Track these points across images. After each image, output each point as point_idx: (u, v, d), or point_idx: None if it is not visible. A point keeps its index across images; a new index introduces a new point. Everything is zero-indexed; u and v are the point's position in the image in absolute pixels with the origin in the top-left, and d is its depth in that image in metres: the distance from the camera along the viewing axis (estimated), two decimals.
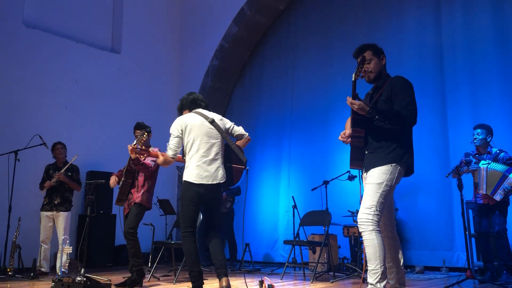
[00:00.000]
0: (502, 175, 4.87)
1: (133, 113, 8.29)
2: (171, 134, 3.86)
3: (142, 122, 5.09)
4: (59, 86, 7.51)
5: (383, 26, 7.25)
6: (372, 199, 3.01)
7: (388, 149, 3.08)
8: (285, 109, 8.36)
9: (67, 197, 6.04)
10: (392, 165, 3.06)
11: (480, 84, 6.22)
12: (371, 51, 3.27)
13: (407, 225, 6.61)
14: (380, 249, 2.95)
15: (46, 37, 7.47)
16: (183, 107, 4.09)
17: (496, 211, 5.02)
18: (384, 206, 3.04)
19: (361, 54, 3.25)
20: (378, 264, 2.94)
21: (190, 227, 3.74)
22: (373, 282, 2.95)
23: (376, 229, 2.98)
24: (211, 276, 5.82)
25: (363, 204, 3.04)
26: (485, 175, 4.95)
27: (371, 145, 3.15)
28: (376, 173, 3.06)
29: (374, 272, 2.95)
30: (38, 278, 5.42)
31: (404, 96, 3.10)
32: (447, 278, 5.48)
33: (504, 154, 5.04)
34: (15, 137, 6.57)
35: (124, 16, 8.65)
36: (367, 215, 2.99)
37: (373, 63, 3.26)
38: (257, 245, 7.96)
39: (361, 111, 3.04)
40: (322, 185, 6.47)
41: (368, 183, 3.09)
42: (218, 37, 8.87)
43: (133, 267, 4.65)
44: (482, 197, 5.09)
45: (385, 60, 3.31)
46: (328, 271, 5.84)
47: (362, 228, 3.01)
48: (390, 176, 3.04)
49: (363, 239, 3.03)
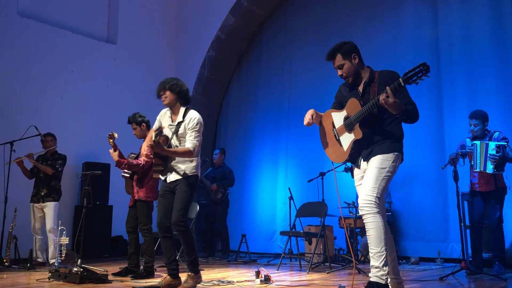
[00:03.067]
0: (486, 144, 4.87)
1: (129, 104, 8.26)
2: (201, 131, 3.80)
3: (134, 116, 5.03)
4: (54, 77, 7.47)
5: (380, 18, 7.24)
6: (376, 182, 2.97)
7: (390, 140, 3.08)
8: (282, 101, 8.35)
9: (53, 186, 5.99)
10: (395, 153, 3.06)
11: (477, 77, 6.23)
12: (340, 55, 3.17)
13: (403, 216, 6.65)
14: (384, 231, 2.92)
15: (42, 28, 7.41)
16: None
17: (492, 199, 5.02)
18: (385, 191, 3.02)
19: (332, 59, 3.19)
20: (383, 246, 2.91)
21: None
22: (380, 264, 2.90)
23: (379, 211, 2.93)
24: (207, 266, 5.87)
25: (366, 186, 2.99)
26: (478, 150, 4.92)
27: (374, 137, 3.09)
28: (380, 158, 3.04)
29: (380, 255, 2.91)
30: (34, 269, 5.43)
31: (405, 94, 3.07)
32: (442, 269, 5.53)
33: (499, 133, 5.04)
34: (11, 128, 6.54)
35: (120, 6, 8.59)
36: (371, 197, 2.94)
37: (345, 68, 3.16)
38: (255, 236, 8.01)
39: (397, 109, 2.89)
40: (318, 177, 6.49)
41: (370, 167, 3.05)
42: (215, 28, 8.83)
43: (144, 264, 4.70)
44: (478, 180, 5.05)
45: (357, 58, 3.16)
46: (324, 262, 5.88)
47: (365, 210, 2.95)
48: (393, 164, 3.04)
49: (365, 222, 2.97)
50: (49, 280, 4.43)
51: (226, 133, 9.20)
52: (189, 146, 3.71)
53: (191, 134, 3.74)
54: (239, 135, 8.92)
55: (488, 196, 5.06)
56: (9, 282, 4.45)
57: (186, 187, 3.71)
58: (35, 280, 4.52)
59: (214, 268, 5.79)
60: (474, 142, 5.00)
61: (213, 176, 7.51)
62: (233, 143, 8.92)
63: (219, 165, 7.65)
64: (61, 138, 6.34)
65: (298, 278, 4.92)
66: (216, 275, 4.94)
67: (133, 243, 4.91)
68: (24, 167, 5.93)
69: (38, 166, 5.96)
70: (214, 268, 5.74)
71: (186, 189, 3.70)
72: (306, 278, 4.85)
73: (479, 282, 4.47)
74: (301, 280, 4.69)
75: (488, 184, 5.01)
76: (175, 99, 3.83)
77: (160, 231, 3.79)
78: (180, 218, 3.64)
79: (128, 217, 4.96)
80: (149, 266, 4.70)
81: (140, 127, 4.98)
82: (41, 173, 5.98)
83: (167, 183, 3.82)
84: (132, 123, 5.01)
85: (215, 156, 7.69)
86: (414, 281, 4.48)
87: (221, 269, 5.71)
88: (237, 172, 7.96)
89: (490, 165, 4.83)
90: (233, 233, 7.81)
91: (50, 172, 5.94)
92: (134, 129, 5.01)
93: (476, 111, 5.16)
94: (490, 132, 5.09)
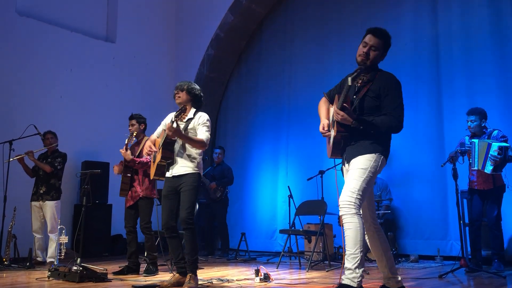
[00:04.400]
0: (488, 144, 4.85)
1: (128, 102, 8.25)
2: (210, 128, 3.96)
3: (138, 114, 5.16)
4: (53, 76, 7.45)
5: (380, 17, 7.22)
6: (356, 183, 2.97)
7: (371, 140, 3.07)
8: (282, 99, 8.34)
9: (53, 184, 5.96)
10: (376, 153, 3.05)
11: (476, 75, 6.22)
12: (382, 42, 3.18)
13: (402, 214, 6.66)
14: (361, 233, 2.90)
15: (40, 26, 7.39)
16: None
17: (491, 198, 5.02)
18: (366, 192, 3.00)
19: (378, 39, 3.15)
20: (358, 248, 2.90)
21: None
22: (352, 266, 2.89)
23: (358, 212, 2.93)
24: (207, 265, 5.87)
25: (346, 187, 3.00)
26: (477, 148, 4.90)
27: (354, 138, 3.11)
28: (361, 159, 3.04)
29: (354, 257, 2.90)
30: (34, 268, 5.42)
31: (394, 98, 3.07)
32: (441, 266, 5.54)
33: (498, 131, 5.02)
34: (10, 127, 6.52)
35: (119, 5, 8.56)
36: (350, 197, 2.94)
37: (375, 53, 3.18)
38: (256, 234, 8.01)
39: (345, 121, 3.01)
40: (317, 175, 6.49)
41: (352, 168, 3.06)
42: (214, 26, 8.81)
43: (150, 260, 4.87)
44: (477, 178, 5.04)
45: (384, 56, 3.23)
46: (324, 260, 5.89)
47: (344, 211, 2.95)
48: (374, 164, 3.03)
49: (344, 222, 2.96)
50: (49, 279, 4.43)
51: (226, 131, 9.19)
52: (202, 137, 3.84)
53: (202, 128, 3.90)
54: (239, 133, 8.91)
55: (486, 194, 5.05)
56: (8, 281, 4.46)
57: (192, 186, 3.83)
58: (34, 279, 4.53)
59: (214, 266, 5.79)
60: (472, 140, 4.99)
61: (212, 174, 7.50)
62: (233, 142, 8.91)
63: (218, 163, 7.64)
64: (60, 136, 6.32)
65: (298, 276, 4.93)
66: (215, 274, 4.94)
67: (134, 242, 4.96)
68: (25, 164, 5.92)
69: (36, 164, 5.95)
70: (213, 267, 5.74)
71: (192, 187, 3.83)
72: (305, 276, 4.86)
73: (478, 279, 4.47)
74: (301, 278, 4.69)
75: (486, 182, 5.00)
76: (188, 100, 4.01)
77: (166, 231, 3.90)
78: (189, 215, 3.78)
79: (127, 217, 4.96)
80: (155, 262, 4.89)
81: (139, 125, 5.08)
82: (41, 171, 5.97)
83: (171, 178, 3.90)
84: (134, 119, 5.10)
85: (216, 154, 7.67)
86: (414, 279, 4.49)
87: (220, 267, 5.71)
88: (237, 171, 7.95)
89: (490, 166, 4.81)
90: (233, 232, 7.80)
91: (48, 170, 5.91)
92: (132, 125, 5.07)
93: (473, 108, 5.17)
94: (489, 130, 5.08)
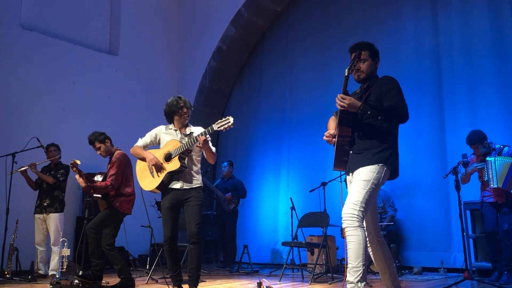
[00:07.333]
0: (511, 164, 4.80)
1: (130, 115, 8.29)
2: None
3: (93, 135, 4.86)
4: (56, 89, 7.50)
5: (381, 29, 7.27)
6: (359, 195, 2.93)
7: (375, 150, 3.03)
8: (283, 111, 8.36)
9: (56, 196, 5.97)
10: (379, 165, 3.00)
11: (478, 87, 6.22)
12: (367, 52, 3.18)
13: (405, 225, 6.62)
14: (363, 246, 2.87)
15: (44, 39, 7.46)
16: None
17: (502, 210, 4.99)
18: (369, 204, 2.96)
19: (357, 51, 3.16)
20: (360, 261, 2.86)
21: None
22: (354, 280, 2.85)
23: (361, 225, 2.89)
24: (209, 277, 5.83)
25: (349, 199, 2.96)
26: (494, 167, 4.85)
27: (357, 145, 3.09)
28: (364, 171, 3.00)
29: (356, 270, 2.86)
30: (36, 281, 5.40)
31: (395, 94, 3.06)
32: (445, 279, 5.50)
33: (508, 148, 5.02)
34: (13, 140, 6.55)
35: (122, 18, 8.65)
36: (353, 210, 2.90)
37: (366, 64, 3.18)
38: (258, 246, 7.97)
39: (352, 107, 2.99)
40: (320, 187, 6.47)
41: (354, 180, 3.02)
42: (216, 38, 8.88)
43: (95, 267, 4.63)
44: (493, 194, 5.03)
45: (378, 63, 3.24)
46: (327, 273, 5.85)
47: (346, 223, 2.91)
48: (377, 175, 2.98)
49: (346, 235, 2.92)
50: None
51: (228, 143, 9.21)
52: (213, 150, 3.96)
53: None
54: (241, 145, 8.92)
55: (499, 206, 5.05)
56: None
57: (201, 200, 3.95)
58: None
59: (216, 279, 5.76)
60: (488, 159, 4.94)
61: (225, 187, 7.51)
62: (235, 153, 8.92)
63: (228, 177, 7.64)
64: (63, 149, 6.34)
65: None
66: (218, 287, 4.91)
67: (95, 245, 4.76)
68: (28, 177, 5.92)
69: (39, 175, 5.95)
70: (216, 279, 5.70)
71: (201, 202, 3.95)
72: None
73: None
74: None
75: (500, 196, 5.00)
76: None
77: (168, 244, 3.91)
78: (200, 230, 3.83)
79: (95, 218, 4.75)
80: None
81: (104, 144, 4.79)
82: (45, 184, 5.97)
83: (178, 190, 3.93)
84: (94, 142, 4.78)
85: (224, 169, 7.68)
86: None
87: (222, 280, 5.67)
88: None
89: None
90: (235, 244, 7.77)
91: (51, 181, 5.92)
92: (98, 149, 4.79)
93: (470, 136, 5.11)
94: (497, 146, 5.05)
